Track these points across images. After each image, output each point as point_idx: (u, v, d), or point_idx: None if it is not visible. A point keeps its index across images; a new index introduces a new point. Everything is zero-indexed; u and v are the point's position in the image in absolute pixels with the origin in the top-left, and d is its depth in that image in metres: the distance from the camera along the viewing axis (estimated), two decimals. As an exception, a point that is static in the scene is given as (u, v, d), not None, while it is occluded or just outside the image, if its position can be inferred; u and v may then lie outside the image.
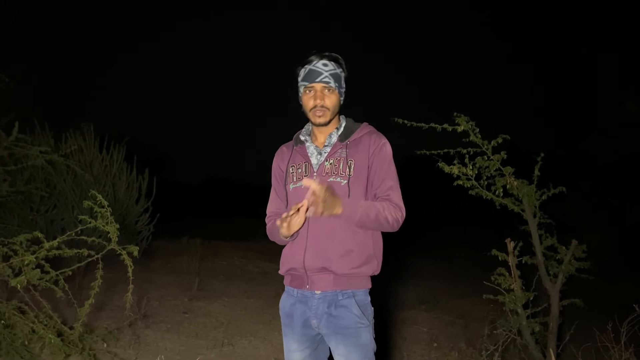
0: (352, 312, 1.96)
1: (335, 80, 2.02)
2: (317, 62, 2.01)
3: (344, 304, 1.97)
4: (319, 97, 2.01)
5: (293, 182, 2.08)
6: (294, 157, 2.14)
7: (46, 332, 2.85)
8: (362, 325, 1.96)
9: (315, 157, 2.08)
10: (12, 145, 3.83)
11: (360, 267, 1.98)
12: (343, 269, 1.95)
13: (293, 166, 2.11)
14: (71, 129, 6.28)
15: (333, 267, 1.96)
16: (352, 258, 1.97)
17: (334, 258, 1.96)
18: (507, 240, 3.58)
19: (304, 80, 2.04)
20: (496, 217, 4.49)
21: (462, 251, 9.73)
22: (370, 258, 2.00)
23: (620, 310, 3.42)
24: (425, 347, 4.49)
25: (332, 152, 2.04)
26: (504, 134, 3.46)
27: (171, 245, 7.94)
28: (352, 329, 1.95)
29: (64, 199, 5.84)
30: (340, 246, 1.96)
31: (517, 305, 3.50)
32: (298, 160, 2.11)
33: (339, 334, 1.96)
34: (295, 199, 2.04)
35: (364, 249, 1.99)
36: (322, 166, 2.03)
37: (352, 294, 1.98)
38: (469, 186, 3.54)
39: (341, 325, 1.96)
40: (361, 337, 1.95)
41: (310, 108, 2.03)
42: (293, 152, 2.15)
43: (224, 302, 5.19)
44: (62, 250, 2.88)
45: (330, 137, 2.09)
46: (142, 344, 3.85)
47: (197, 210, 17.00)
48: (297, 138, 2.18)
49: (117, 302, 4.64)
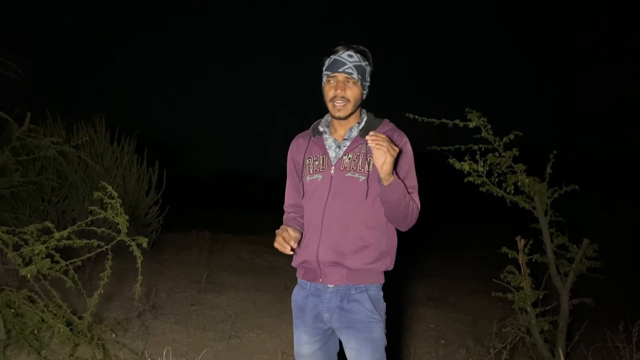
0: (365, 306, 1.95)
1: (358, 72, 1.96)
2: (343, 53, 1.96)
3: (357, 298, 1.96)
4: (340, 87, 1.95)
5: (309, 174, 2.04)
6: (310, 148, 2.09)
7: (55, 321, 2.87)
8: (374, 320, 1.95)
9: (334, 150, 2.03)
10: (24, 135, 3.85)
11: (373, 263, 1.97)
12: (356, 264, 1.95)
13: (310, 158, 2.06)
14: (82, 120, 6.32)
15: (347, 263, 1.95)
16: (366, 254, 1.95)
17: (347, 254, 1.95)
18: (518, 238, 3.54)
19: (327, 70, 1.99)
20: (506, 215, 4.46)
21: (472, 248, 9.68)
22: (384, 254, 1.99)
23: (631, 310, 3.38)
24: (432, 344, 4.47)
25: (352, 147, 1.99)
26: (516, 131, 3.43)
27: (181, 237, 7.96)
28: (364, 324, 1.94)
29: (75, 190, 5.88)
30: (354, 242, 1.95)
31: (526, 304, 3.47)
32: (315, 151, 2.06)
33: (350, 328, 1.96)
34: (309, 190, 2.02)
35: (378, 245, 1.97)
36: (340, 160, 1.99)
37: (364, 289, 1.97)
38: (480, 183, 3.51)
39: (353, 319, 1.95)
40: (373, 332, 1.94)
41: (330, 98, 1.97)
42: (310, 142, 2.10)
43: (232, 295, 5.21)
44: (72, 241, 2.91)
45: (350, 131, 2.04)
46: (150, 335, 3.87)
47: (208, 204, 17.05)
48: (316, 128, 2.12)
49: (126, 293, 4.67)
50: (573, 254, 3.56)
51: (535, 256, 3.59)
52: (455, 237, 11.44)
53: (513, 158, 3.47)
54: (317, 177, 2.01)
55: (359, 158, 1.96)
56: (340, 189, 1.97)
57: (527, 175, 3.50)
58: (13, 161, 4.22)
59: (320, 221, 1.97)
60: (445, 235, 11.40)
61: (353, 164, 1.96)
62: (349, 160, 1.97)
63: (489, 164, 3.50)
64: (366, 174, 1.94)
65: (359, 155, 1.96)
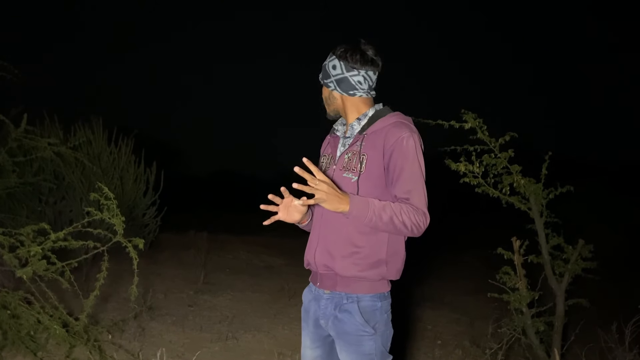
0: (355, 318, 1.84)
1: (321, 73, 1.99)
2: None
3: (348, 308, 1.86)
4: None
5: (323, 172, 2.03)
6: (326, 146, 2.10)
7: (52, 322, 2.87)
8: (365, 334, 1.84)
9: (339, 149, 1.99)
10: (21, 136, 3.85)
11: (364, 271, 1.83)
12: (345, 270, 1.84)
13: (325, 156, 2.06)
14: (80, 121, 6.31)
15: (336, 267, 1.85)
16: (356, 260, 1.83)
17: (337, 257, 1.85)
18: (513, 239, 3.56)
19: None
20: (502, 215, 4.47)
21: (468, 249, 9.69)
22: (380, 263, 1.84)
23: (625, 311, 3.40)
24: (429, 345, 4.49)
25: (351, 145, 1.91)
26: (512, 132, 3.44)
27: (178, 238, 7.96)
28: (353, 336, 1.85)
29: (72, 191, 5.87)
30: (344, 246, 1.85)
31: (522, 304, 3.48)
32: (328, 150, 2.05)
33: (340, 339, 1.89)
34: None
35: (374, 252, 1.84)
36: (341, 159, 1.93)
37: (356, 299, 1.86)
38: (476, 184, 3.52)
39: (344, 330, 1.86)
40: (363, 346, 1.84)
41: None
42: (329, 141, 2.09)
43: (229, 296, 5.21)
44: (69, 242, 2.91)
45: (352, 128, 1.96)
46: (146, 336, 3.88)
47: (205, 204, 17.03)
48: (333, 127, 2.11)
49: (122, 294, 4.67)
50: (568, 254, 3.58)
51: (531, 257, 3.61)
52: (451, 237, 11.45)
53: (509, 159, 3.49)
54: None
55: (354, 156, 1.87)
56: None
57: (523, 176, 3.52)
58: (10, 162, 4.23)
59: (319, 221, 1.95)
60: (441, 235, 11.39)
61: (350, 163, 1.88)
62: (348, 159, 1.90)
63: (485, 165, 3.51)
64: (358, 173, 1.84)
65: (355, 154, 1.87)
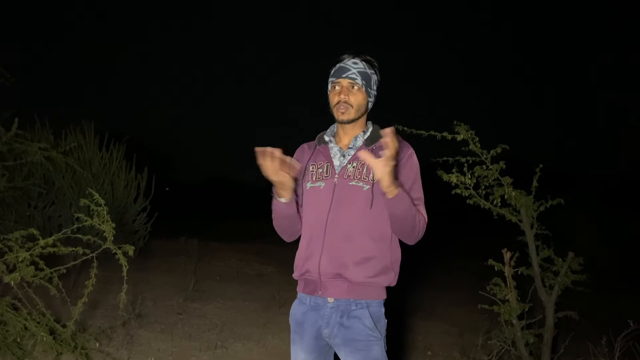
0: (365, 323, 1.88)
1: (362, 78, 1.95)
2: (348, 60, 1.97)
3: (357, 314, 1.89)
4: (344, 92, 1.95)
5: (311, 180, 2.01)
6: (315, 156, 2.07)
7: (39, 329, 2.84)
8: (373, 339, 1.88)
9: (338, 159, 2.00)
10: (11, 140, 3.83)
11: (375, 277, 1.90)
12: (358, 277, 1.88)
13: (314, 165, 2.04)
14: (71, 125, 6.29)
15: (348, 274, 1.89)
16: (368, 267, 1.89)
17: (349, 265, 1.88)
18: (504, 251, 3.57)
19: (332, 76, 2.00)
20: (494, 227, 4.49)
21: (459, 259, 9.70)
22: (387, 269, 1.93)
23: (615, 324, 3.41)
24: (419, 355, 4.47)
25: (356, 156, 1.95)
26: (503, 144, 3.46)
27: (168, 245, 7.92)
28: (363, 342, 1.87)
29: (62, 196, 5.84)
30: (357, 253, 1.89)
31: (512, 316, 3.49)
32: (320, 159, 2.04)
33: (349, 346, 1.88)
34: (311, 198, 1.99)
35: (381, 258, 1.92)
36: (344, 169, 1.95)
37: (366, 305, 1.91)
38: (467, 195, 3.53)
39: (353, 337, 1.87)
40: (372, 351, 1.87)
41: (334, 104, 1.97)
42: (315, 151, 2.08)
43: (219, 304, 5.18)
44: (57, 248, 2.88)
45: (355, 140, 2.01)
46: (135, 344, 3.83)
47: (196, 211, 16.98)
48: (321, 138, 2.10)
49: (111, 301, 4.62)
50: (558, 267, 3.59)
51: (521, 269, 3.61)
52: (442, 248, 11.48)
53: (500, 171, 3.50)
54: (319, 184, 1.98)
55: (364, 167, 1.92)
56: (344, 197, 1.93)
57: (514, 188, 3.53)
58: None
59: (323, 230, 1.93)
60: (432, 245, 11.42)
61: (357, 173, 1.92)
62: (353, 168, 1.93)
63: (477, 176, 3.53)
64: (371, 182, 1.90)
65: (363, 165, 1.92)
